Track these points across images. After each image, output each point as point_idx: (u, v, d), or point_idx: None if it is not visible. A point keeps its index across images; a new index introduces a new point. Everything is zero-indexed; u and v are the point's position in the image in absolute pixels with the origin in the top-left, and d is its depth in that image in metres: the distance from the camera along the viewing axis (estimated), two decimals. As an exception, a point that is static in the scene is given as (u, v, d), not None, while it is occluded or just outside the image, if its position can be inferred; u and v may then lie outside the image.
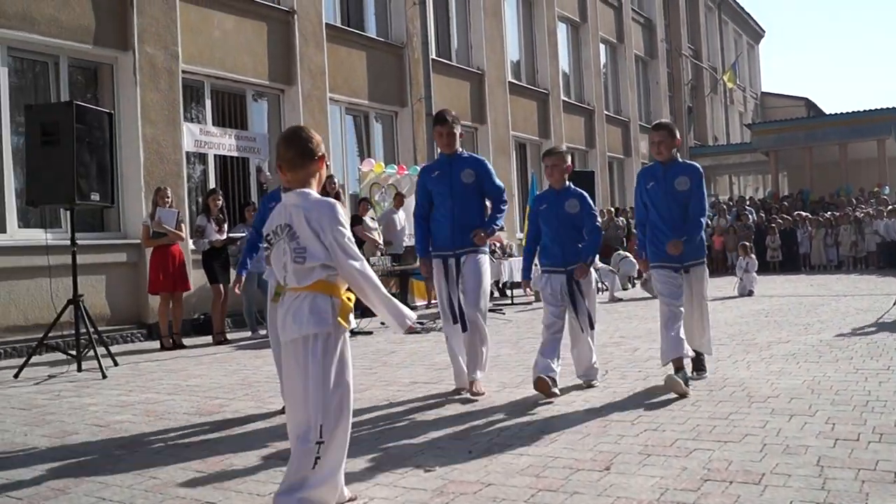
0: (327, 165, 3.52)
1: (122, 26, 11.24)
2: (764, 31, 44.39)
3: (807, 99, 41.21)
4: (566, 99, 23.57)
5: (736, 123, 38.89)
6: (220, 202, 10.62)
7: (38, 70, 10.78)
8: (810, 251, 20.95)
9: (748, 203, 24.95)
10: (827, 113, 34.07)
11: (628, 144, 27.30)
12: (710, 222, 22.64)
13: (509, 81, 20.54)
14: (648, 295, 14.12)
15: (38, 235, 9.75)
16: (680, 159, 5.96)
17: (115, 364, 8.21)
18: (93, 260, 10.47)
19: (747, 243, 15.36)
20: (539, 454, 4.08)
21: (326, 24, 14.82)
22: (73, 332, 7.97)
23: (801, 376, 5.87)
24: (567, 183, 5.95)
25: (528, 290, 8.51)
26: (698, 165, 5.96)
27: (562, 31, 24.07)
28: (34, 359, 8.12)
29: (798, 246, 21.07)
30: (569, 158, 6.01)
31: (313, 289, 3.17)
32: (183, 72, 12.01)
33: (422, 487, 3.60)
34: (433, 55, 17.16)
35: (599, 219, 6.06)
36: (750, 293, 13.59)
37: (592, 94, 25.10)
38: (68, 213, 8.46)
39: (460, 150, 5.98)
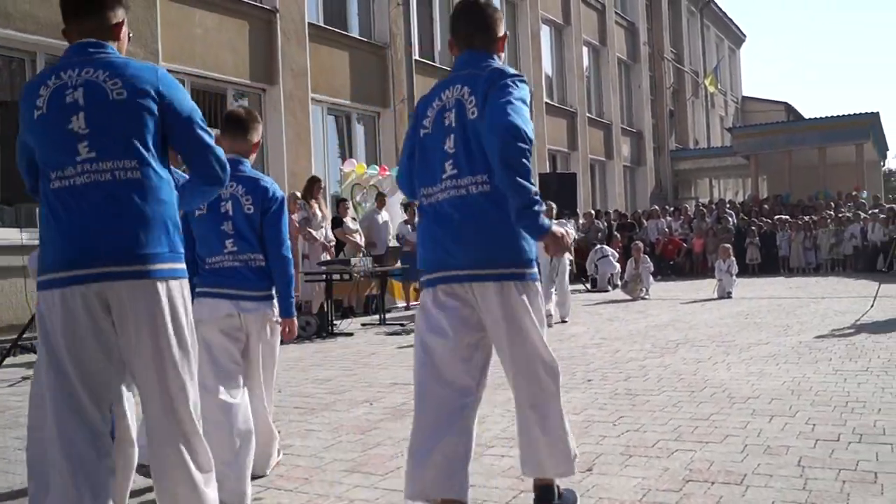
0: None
1: (102, 23, 11.13)
2: (745, 36, 44.66)
3: (787, 103, 41.47)
4: (549, 101, 23.58)
5: (717, 127, 39.08)
6: None
7: (14, 67, 10.66)
8: (789, 254, 21.08)
9: (728, 206, 25.05)
10: (806, 117, 34.30)
11: (610, 147, 27.36)
12: (691, 225, 22.64)
13: (492, 83, 20.47)
14: (629, 297, 14.15)
15: (13, 235, 9.62)
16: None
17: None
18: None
19: (728, 245, 15.41)
20: (520, 455, 4.04)
21: (309, 23, 14.75)
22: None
23: (782, 377, 5.89)
24: None
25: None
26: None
27: (545, 33, 24.09)
28: (8, 360, 8.01)
29: (777, 249, 21.19)
30: None
31: None
32: (163, 70, 11.90)
33: (402, 489, 3.55)
34: (416, 56, 17.14)
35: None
36: (728, 295, 13.64)
37: (575, 97, 25.14)
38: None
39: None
